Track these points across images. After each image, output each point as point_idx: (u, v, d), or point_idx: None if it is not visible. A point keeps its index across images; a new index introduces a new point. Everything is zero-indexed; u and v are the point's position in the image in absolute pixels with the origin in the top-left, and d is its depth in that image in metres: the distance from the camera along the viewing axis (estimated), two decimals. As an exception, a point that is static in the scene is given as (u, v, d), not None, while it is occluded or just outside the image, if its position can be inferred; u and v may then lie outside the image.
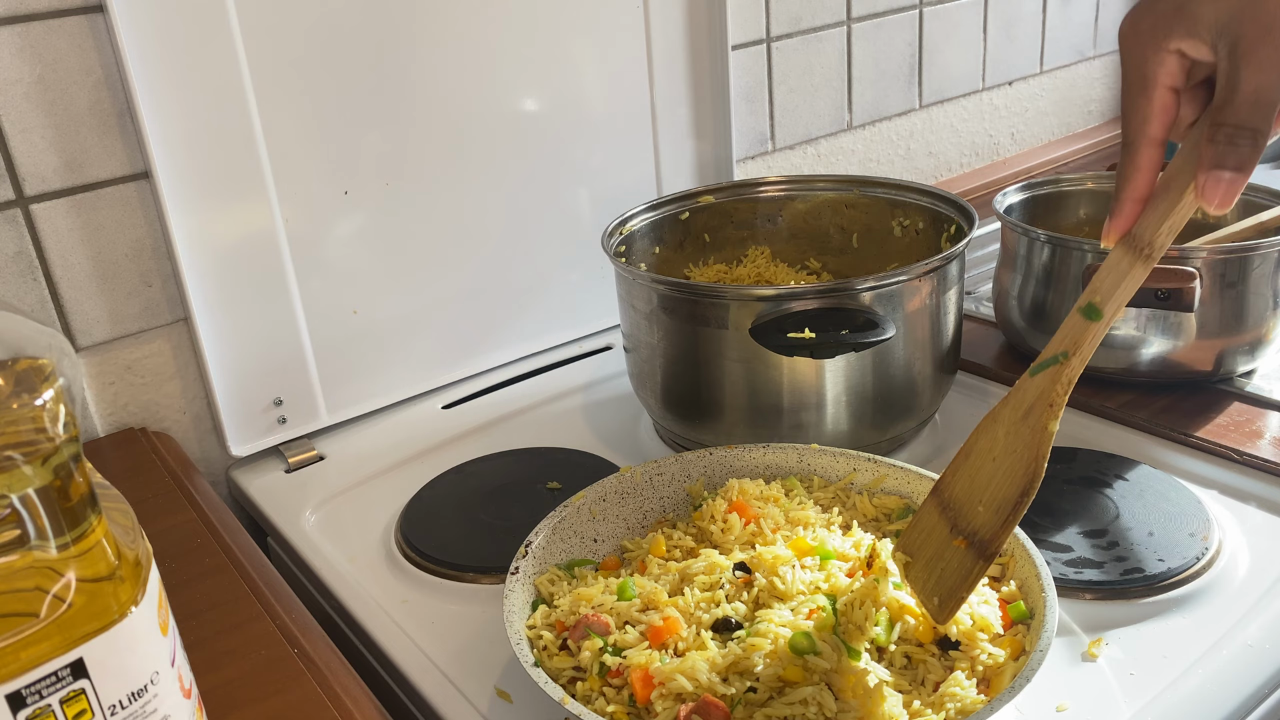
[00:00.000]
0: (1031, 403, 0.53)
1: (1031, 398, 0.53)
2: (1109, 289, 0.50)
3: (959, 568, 0.53)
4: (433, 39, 0.89)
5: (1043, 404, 0.52)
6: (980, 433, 0.55)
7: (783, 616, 0.54)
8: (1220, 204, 0.45)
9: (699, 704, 0.50)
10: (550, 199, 1.01)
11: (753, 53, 1.19)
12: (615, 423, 0.92)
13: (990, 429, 0.55)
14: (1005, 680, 0.51)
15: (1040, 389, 0.52)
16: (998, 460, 0.54)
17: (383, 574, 0.74)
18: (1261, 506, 0.72)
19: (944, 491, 0.56)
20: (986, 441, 0.55)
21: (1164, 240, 0.47)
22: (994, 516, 0.52)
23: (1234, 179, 0.44)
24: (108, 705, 0.41)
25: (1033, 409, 0.52)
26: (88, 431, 0.86)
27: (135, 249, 0.84)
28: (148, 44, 0.76)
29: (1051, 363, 0.52)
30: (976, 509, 0.54)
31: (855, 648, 0.53)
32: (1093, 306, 0.50)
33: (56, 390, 0.39)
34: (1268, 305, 0.83)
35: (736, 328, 0.74)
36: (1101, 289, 0.50)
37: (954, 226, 0.87)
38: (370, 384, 0.95)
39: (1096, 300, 0.50)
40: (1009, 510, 0.52)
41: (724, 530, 0.64)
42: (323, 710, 0.55)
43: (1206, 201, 0.45)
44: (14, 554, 0.38)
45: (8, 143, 0.76)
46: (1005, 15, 1.45)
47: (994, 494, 0.53)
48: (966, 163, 1.52)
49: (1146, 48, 0.46)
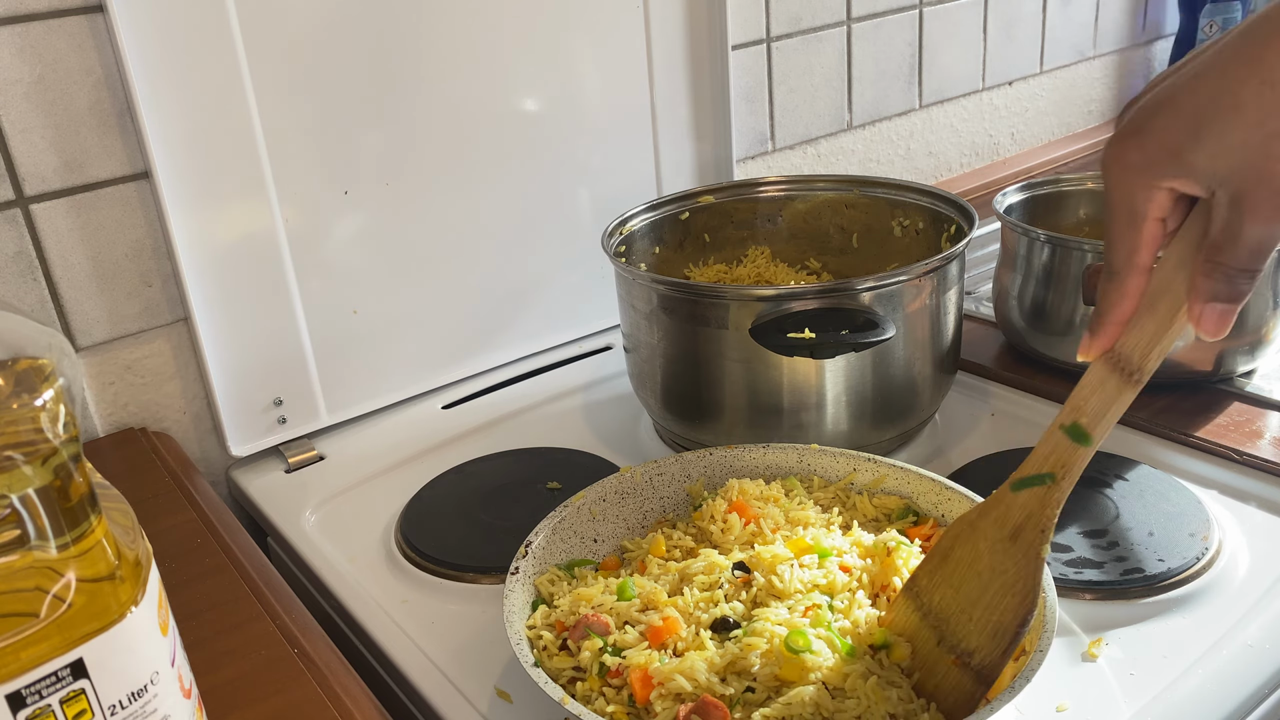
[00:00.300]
0: (1019, 523, 0.51)
1: (1018, 517, 0.51)
2: (1096, 411, 0.48)
3: (956, 688, 0.52)
4: (433, 39, 0.89)
5: (1034, 529, 0.51)
6: (957, 539, 0.54)
7: (779, 615, 0.54)
8: (1216, 332, 0.44)
9: (698, 704, 0.50)
10: (550, 199, 1.01)
11: (753, 53, 1.19)
12: (615, 423, 0.92)
13: (970, 538, 0.53)
14: (1005, 680, 0.51)
15: (1028, 510, 0.51)
16: (983, 577, 0.52)
17: (383, 574, 0.74)
18: (1261, 506, 0.72)
19: (923, 595, 0.54)
20: (966, 551, 0.53)
21: (1153, 365, 0.46)
22: (991, 642, 0.51)
23: (1229, 310, 0.43)
24: (108, 705, 0.41)
25: (1021, 531, 0.51)
26: (88, 431, 0.86)
27: (135, 249, 0.84)
28: (148, 44, 0.76)
29: (1037, 482, 0.50)
30: (968, 627, 0.52)
31: (852, 644, 0.53)
32: (1080, 430, 0.49)
33: (56, 390, 0.39)
34: (1268, 305, 0.83)
35: (736, 328, 0.74)
36: (1088, 410, 0.48)
37: (954, 226, 0.87)
38: (370, 384, 0.95)
39: (1084, 422, 0.48)
40: (1008, 640, 0.51)
41: (724, 530, 0.64)
42: (323, 710, 0.55)
43: (1203, 331, 0.44)
44: (14, 554, 0.38)
45: (8, 143, 0.76)
46: (1005, 15, 1.45)
47: (987, 616, 0.52)
48: (966, 163, 1.52)
49: (1135, 183, 0.44)
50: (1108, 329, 0.47)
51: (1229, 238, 0.42)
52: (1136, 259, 0.45)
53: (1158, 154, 0.43)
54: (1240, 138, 0.40)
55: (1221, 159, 0.41)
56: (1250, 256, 0.42)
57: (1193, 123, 0.41)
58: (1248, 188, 0.40)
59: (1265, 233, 0.41)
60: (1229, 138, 0.40)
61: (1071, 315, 0.87)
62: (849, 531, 0.63)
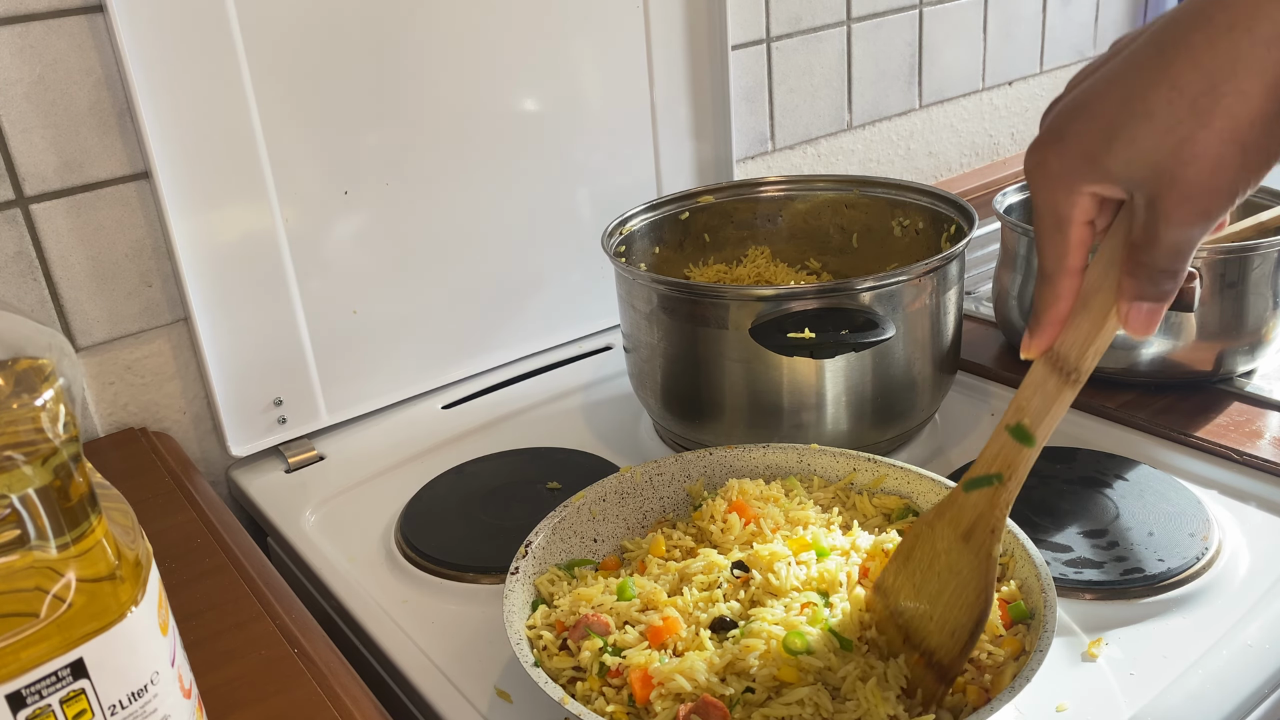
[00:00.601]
0: (971, 524, 0.52)
1: (970, 518, 0.52)
2: (1038, 411, 0.49)
3: (921, 684, 0.53)
4: (433, 39, 0.89)
5: (984, 528, 0.52)
6: (917, 539, 0.55)
7: (776, 614, 0.54)
8: (1143, 331, 0.45)
9: (698, 704, 0.50)
10: (550, 199, 1.01)
11: (753, 53, 1.19)
12: (615, 423, 0.92)
13: (928, 538, 0.54)
14: (1005, 680, 0.51)
15: (979, 510, 0.52)
16: (941, 577, 0.53)
17: (383, 574, 0.74)
18: (1261, 506, 0.72)
19: (889, 595, 0.55)
20: (925, 552, 0.54)
21: (1089, 365, 0.47)
22: (949, 640, 0.52)
23: (1156, 309, 0.44)
24: (108, 705, 0.41)
25: (973, 531, 0.52)
26: (87, 431, 0.86)
27: (135, 249, 0.84)
28: (148, 44, 0.76)
29: (985, 483, 0.51)
30: (928, 626, 0.53)
31: (851, 641, 0.53)
32: (1023, 430, 0.49)
33: (56, 390, 0.39)
34: (1268, 305, 0.83)
35: (736, 328, 0.74)
36: (1030, 410, 0.49)
37: (954, 226, 0.87)
38: (370, 384, 0.95)
39: (1026, 423, 0.49)
40: (965, 638, 0.52)
41: (724, 530, 0.64)
42: (323, 710, 0.55)
43: (1129, 329, 0.45)
44: (14, 554, 0.38)
45: (8, 143, 0.76)
46: (1005, 15, 1.45)
47: (945, 616, 0.53)
48: (966, 163, 1.52)
49: (1057, 190, 0.44)
50: (1045, 329, 0.47)
51: (1148, 240, 0.42)
52: (1066, 262, 0.46)
53: (1076, 161, 0.43)
54: (1152, 143, 0.40)
55: (1136, 164, 0.41)
56: (1169, 258, 0.43)
57: (1107, 129, 0.42)
58: (1161, 192, 0.41)
59: (1182, 235, 0.42)
60: (1141, 144, 0.40)
61: (1071, 315, 0.87)
62: (849, 531, 0.63)
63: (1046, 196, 0.45)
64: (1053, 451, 0.78)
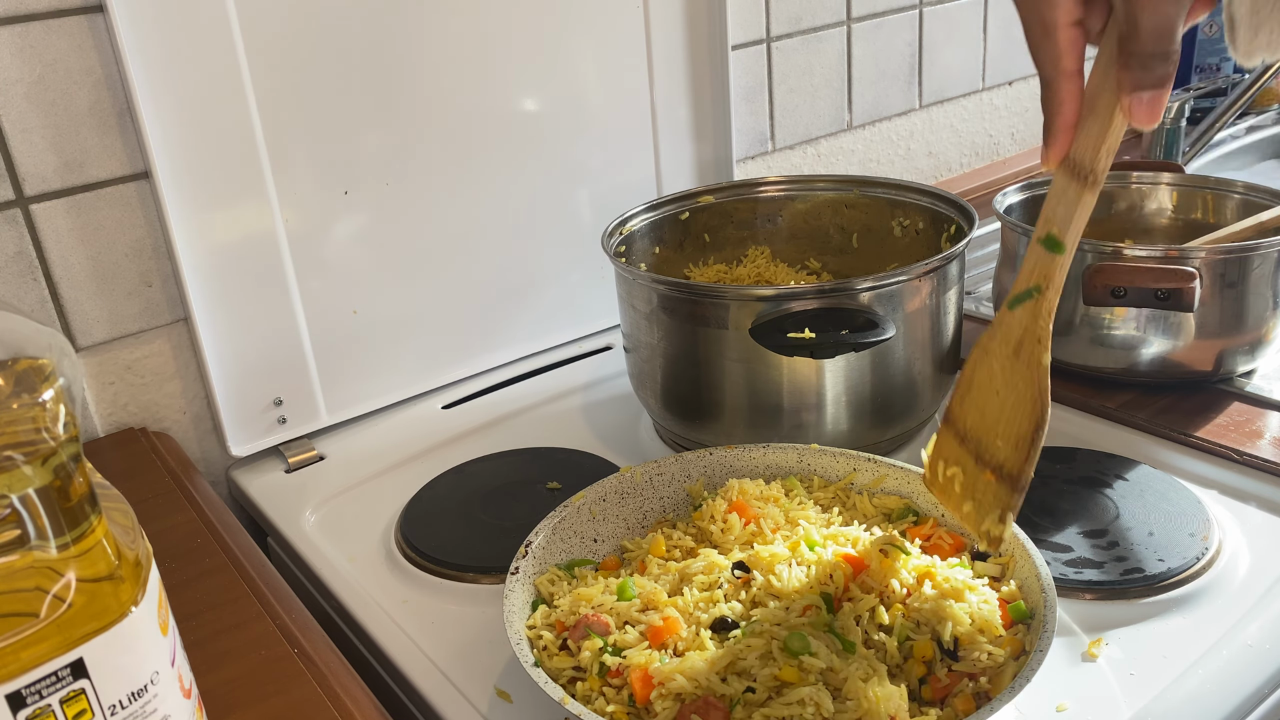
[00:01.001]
0: (1019, 338, 0.54)
1: (1018, 333, 0.54)
2: (1064, 219, 0.51)
3: (995, 500, 0.55)
4: (433, 39, 0.89)
5: (1031, 340, 0.54)
6: (976, 365, 0.57)
7: (777, 614, 0.54)
8: (1149, 120, 0.46)
9: (698, 704, 0.50)
10: (550, 199, 1.01)
11: (753, 53, 1.19)
12: (615, 423, 0.92)
13: (985, 361, 0.56)
14: (1005, 680, 0.51)
15: (1024, 324, 0.54)
16: (1001, 395, 0.56)
17: (383, 574, 0.74)
18: (1261, 506, 0.72)
19: (957, 423, 0.58)
20: (984, 374, 0.56)
21: (1104, 164, 0.49)
22: (1015, 451, 0.55)
23: (1156, 95, 0.46)
24: (108, 705, 0.41)
25: (1022, 345, 0.54)
26: (87, 431, 0.86)
27: (135, 249, 0.84)
28: (148, 44, 0.76)
29: (1027, 297, 0.53)
30: (995, 443, 0.56)
31: (852, 641, 0.53)
32: (1053, 238, 0.51)
33: (57, 390, 0.39)
34: (1268, 305, 0.83)
35: (736, 328, 0.74)
36: (1056, 219, 0.51)
37: (954, 226, 0.87)
38: (370, 384, 0.95)
39: (1055, 231, 0.51)
40: (1028, 445, 0.54)
41: (724, 530, 0.64)
42: (323, 710, 0.55)
43: (1135, 121, 0.46)
44: (14, 554, 0.38)
45: (8, 143, 0.76)
46: (1005, 15, 1.45)
47: (1008, 429, 0.55)
48: (966, 163, 1.52)
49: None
50: (1058, 136, 0.49)
51: (1130, 26, 0.44)
52: (1062, 64, 0.48)
53: None
54: None
55: None
56: (1155, 40, 0.44)
57: None
58: None
59: (1159, 17, 0.44)
60: None
61: (1071, 315, 0.87)
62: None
63: (1029, 5, 0.47)
64: (1053, 451, 0.78)
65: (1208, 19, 1.56)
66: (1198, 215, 0.98)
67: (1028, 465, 0.54)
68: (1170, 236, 0.99)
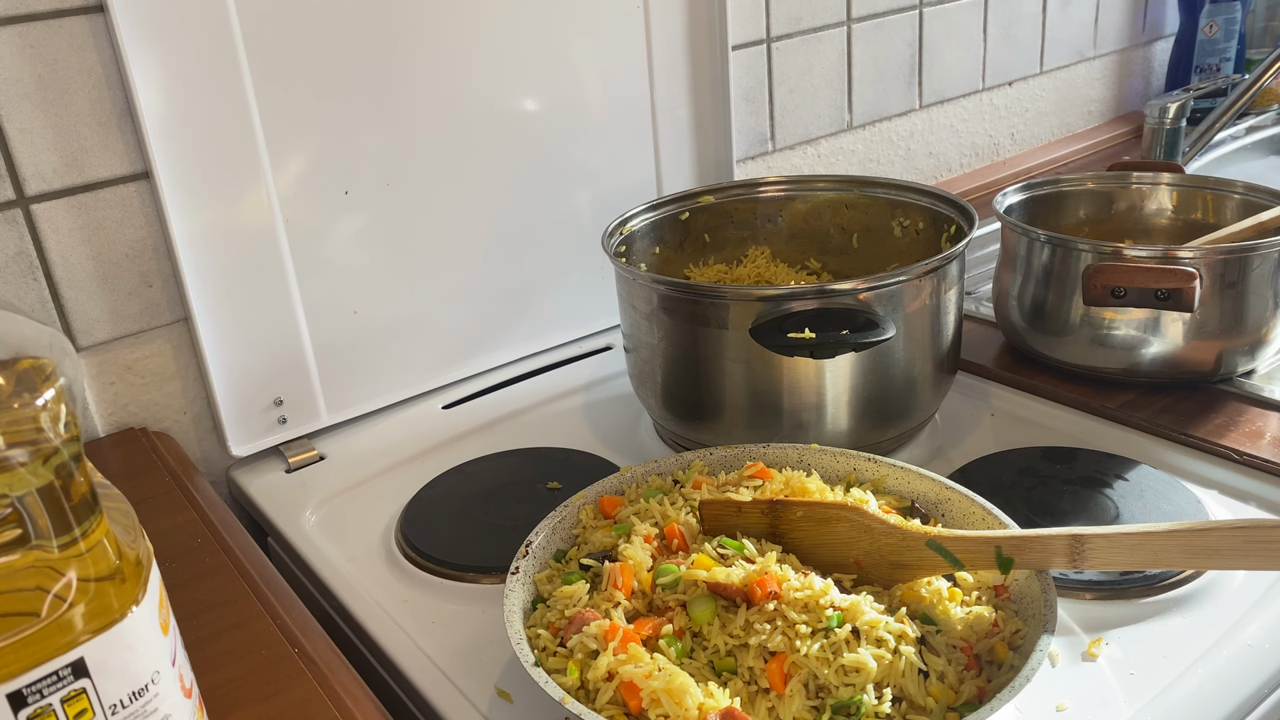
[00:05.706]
0: (911, 565, 0.58)
1: (911, 561, 0.58)
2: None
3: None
4: (433, 39, 0.89)
5: (913, 574, 0.58)
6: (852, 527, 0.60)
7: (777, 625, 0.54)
8: None
9: (724, 713, 0.49)
10: (550, 199, 1.01)
11: (753, 53, 1.19)
12: (615, 423, 0.92)
13: (864, 537, 0.60)
14: (1005, 680, 0.51)
15: (925, 563, 0.58)
16: (837, 552, 0.60)
17: (383, 574, 0.74)
18: (1261, 506, 0.72)
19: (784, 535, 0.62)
20: (847, 536, 0.60)
21: None
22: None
23: None
24: (108, 705, 0.41)
25: (906, 568, 0.58)
26: (88, 431, 0.86)
27: (135, 249, 0.84)
28: (148, 44, 0.76)
29: (951, 563, 0.57)
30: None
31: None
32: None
33: (57, 390, 0.39)
34: (1268, 305, 0.83)
35: (736, 328, 0.74)
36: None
37: (954, 226, 0.87)
38: (370, 384, 0.95)
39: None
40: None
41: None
42: (323, 710, 0.55)
43: None
44: (15, 553, 0.38)
45: (8, 143, 0.76)
46: (1005, 15, 1.45)
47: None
48: (966, 163, 1.52)
49: None
50: None
51: None
52: None
53: None
54: None
55: None
56: None
57: None
58: None
59: None
60: None
61: (1072, 315, 0.87)
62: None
63: None
64: (1053, 451, 0.78)
65: (1206, 20, 1.56)
66: (1198, 215, 0.98)
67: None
68: (1170, 236, 0.99)
